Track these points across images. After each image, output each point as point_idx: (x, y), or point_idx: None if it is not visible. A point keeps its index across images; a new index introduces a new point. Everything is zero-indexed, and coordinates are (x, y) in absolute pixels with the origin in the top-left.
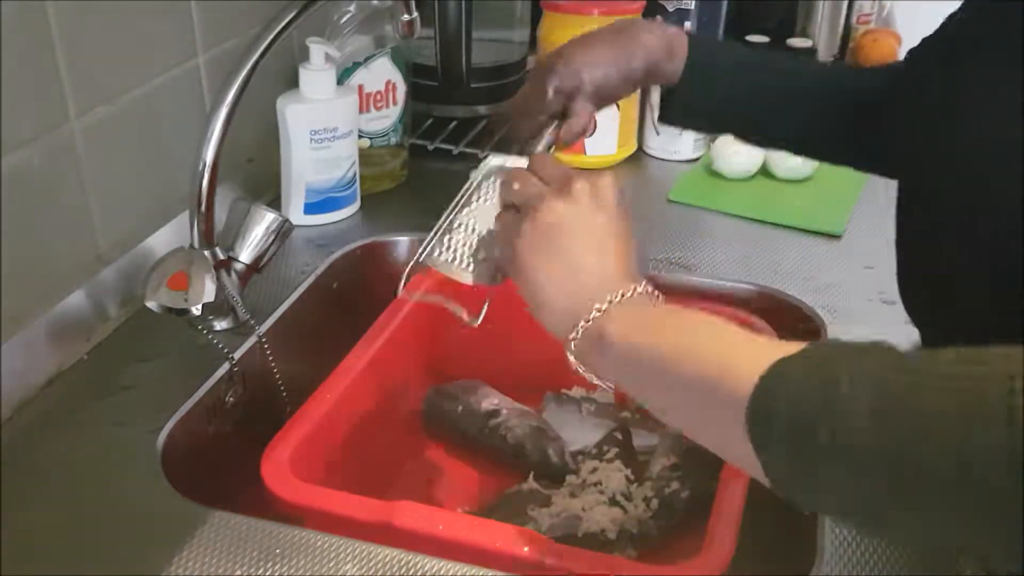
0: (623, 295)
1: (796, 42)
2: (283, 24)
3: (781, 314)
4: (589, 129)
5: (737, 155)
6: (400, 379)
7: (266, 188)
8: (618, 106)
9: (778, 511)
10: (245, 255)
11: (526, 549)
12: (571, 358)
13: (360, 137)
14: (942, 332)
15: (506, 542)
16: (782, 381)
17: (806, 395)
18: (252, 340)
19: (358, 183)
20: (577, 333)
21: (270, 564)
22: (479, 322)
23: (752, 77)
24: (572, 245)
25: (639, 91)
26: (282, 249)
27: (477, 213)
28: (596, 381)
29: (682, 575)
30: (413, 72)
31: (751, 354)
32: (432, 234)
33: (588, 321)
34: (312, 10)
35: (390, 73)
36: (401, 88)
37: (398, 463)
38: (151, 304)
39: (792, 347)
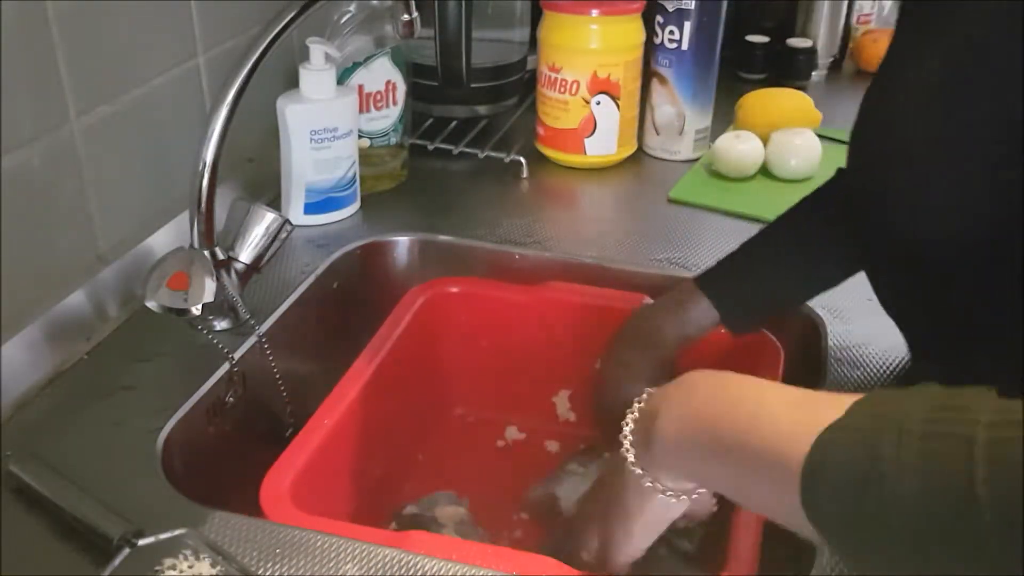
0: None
1: (796, 42)
2: (283, 24)
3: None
4: None
5: (737, 155)
6: (398, 399)
7: (266, 188)
8: (618, 106)
9: None
10: (245, 255)
11: None
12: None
13: (360, 137)
14: (925, 332)
15: (525, 571)
16: (828, 457)
17: (853, 470)
18: (252, 340)
19: (358, 183)
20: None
21: (270, 564)
22: None
23: (785, 277)
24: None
25: (640, 90)
26: (282, 249)
27: None
28: (663, 489)
29: None
30: (413, 72)
31: (795, 428)
32: None
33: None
34: (312, 10)
35: (390, 73)
36: (401, 88)
37: (399, 485)
38: (151, 304)
39: (832, 411)
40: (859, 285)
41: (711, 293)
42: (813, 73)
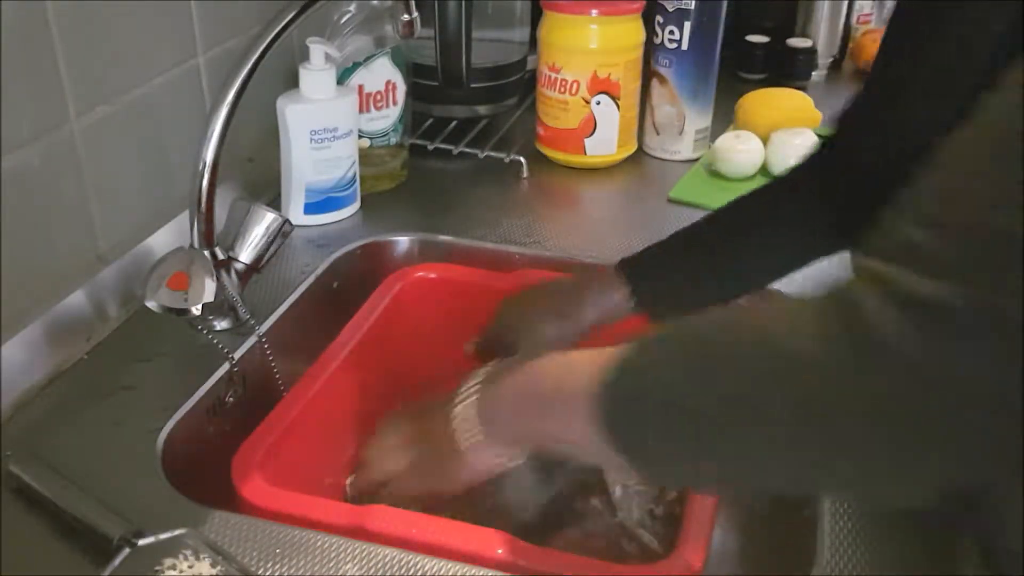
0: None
1: (796, 42)
2: (283, 24)
3: None
4: None
5: (737, 155)
6: (375, 380)
7: (266, 188)
8: (618, 106)
9: (778, 511)
10: (245, 255)
11: (500, 551)
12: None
13: (360, 137)
14: None
15: (480, 544)
16: (612, 389)
17: (640, 388)
18: (252, 340)
19: (358, 183)
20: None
21: (270, 564)
22: None
23: (705, 266)
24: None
25: (640, 90)
26: (282, 249)
27: None
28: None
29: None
30: (413, 72)
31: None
32: None
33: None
34: (312, 10)
35: (390, 73)
36: (401, 88)
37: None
38: (151, 304)
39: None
40: None
41: (631, 281)
42: (813, 73)
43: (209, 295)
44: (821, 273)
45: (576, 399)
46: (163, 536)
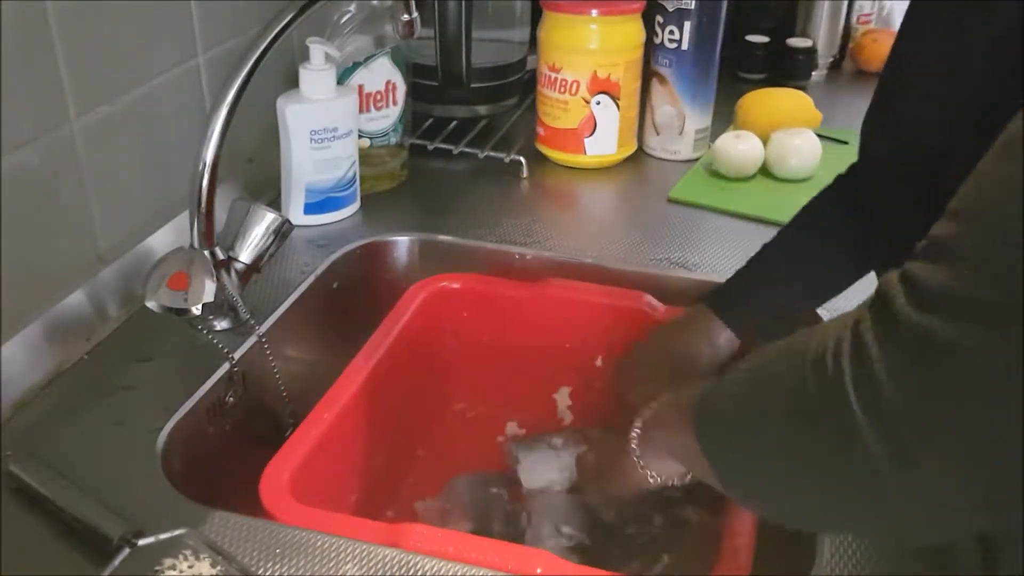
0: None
1: (796, 42)
2: (283, 24)
3: None
4: None
5: (737, 155)
6: (399, 393)
7: (266, 188)
8: (618, 106)
9: None
10: (245, 255)
11: (539, 571)
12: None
13: (360, 137)
14: None
15: (519, 564)
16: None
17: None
18: (252, 340)
19: (358, 183)
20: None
21: (270, 564)
22: None
23: (792, 289)
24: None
25: (640, 90)
26: (282, 249)
27: None
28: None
29: None
30: (413, 72)
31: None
32: None
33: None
34: (312, 10)
35: (390, 73)
36: (401, 88)
37: (400, 479)
38: (151, 304)
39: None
40: (859, 286)
41: (726, 318)
42: (813, 73)
43: (209, 295)
44: None
45: (682, 412)
46: (163, 536)
